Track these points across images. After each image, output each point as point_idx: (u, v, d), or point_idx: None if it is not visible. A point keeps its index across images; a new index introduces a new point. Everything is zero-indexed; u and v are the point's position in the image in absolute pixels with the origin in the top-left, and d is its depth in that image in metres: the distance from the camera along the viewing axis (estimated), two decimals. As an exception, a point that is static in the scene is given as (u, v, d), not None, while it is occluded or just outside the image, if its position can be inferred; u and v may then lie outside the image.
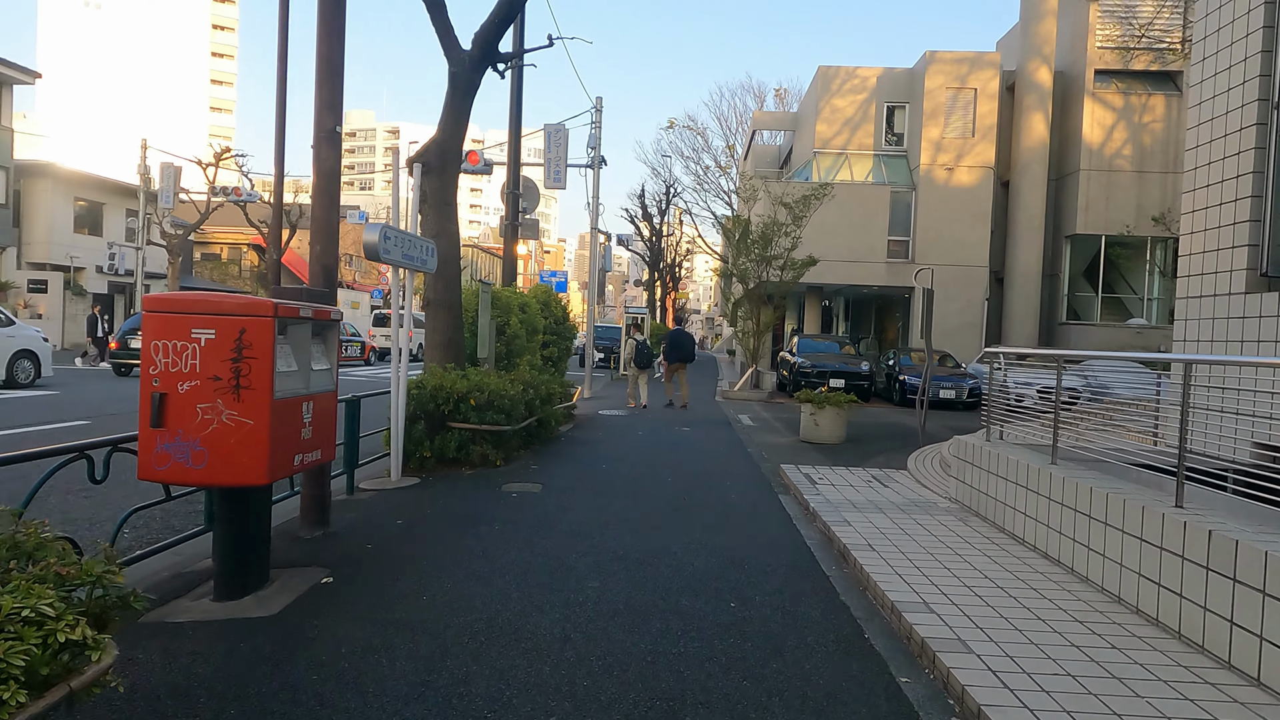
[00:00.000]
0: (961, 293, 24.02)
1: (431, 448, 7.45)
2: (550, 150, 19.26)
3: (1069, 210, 24.50)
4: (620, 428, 11.94)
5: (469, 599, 4.00)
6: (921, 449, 9.78)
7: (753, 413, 15.28)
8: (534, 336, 10.93)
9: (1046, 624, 3.73)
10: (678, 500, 6.70)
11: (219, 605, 3.81)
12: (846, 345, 21.94)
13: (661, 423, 12.80)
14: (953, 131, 24.31)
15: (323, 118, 5.07)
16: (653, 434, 11.22)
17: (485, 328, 9.04)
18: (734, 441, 10.78)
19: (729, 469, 8.44)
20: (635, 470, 8.04)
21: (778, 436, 11.66)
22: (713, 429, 12.19)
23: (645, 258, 44.76)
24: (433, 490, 6.76)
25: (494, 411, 7.55)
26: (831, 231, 22.50)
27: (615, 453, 9.22)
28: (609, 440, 10.32)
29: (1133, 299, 25.57)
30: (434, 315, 8.08)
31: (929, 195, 24.28)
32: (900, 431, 12.87)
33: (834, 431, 10.87)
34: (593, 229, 19.96)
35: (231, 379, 3.56)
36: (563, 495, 6.69)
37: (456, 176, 8.16)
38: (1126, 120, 23.94)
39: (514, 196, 11.17)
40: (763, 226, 19.32)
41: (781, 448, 10.38)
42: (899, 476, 7.88)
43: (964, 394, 18.43)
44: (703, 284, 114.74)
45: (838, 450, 10.26)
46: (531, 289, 13.52)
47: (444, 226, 8.03)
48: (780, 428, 12.79)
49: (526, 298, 10.72)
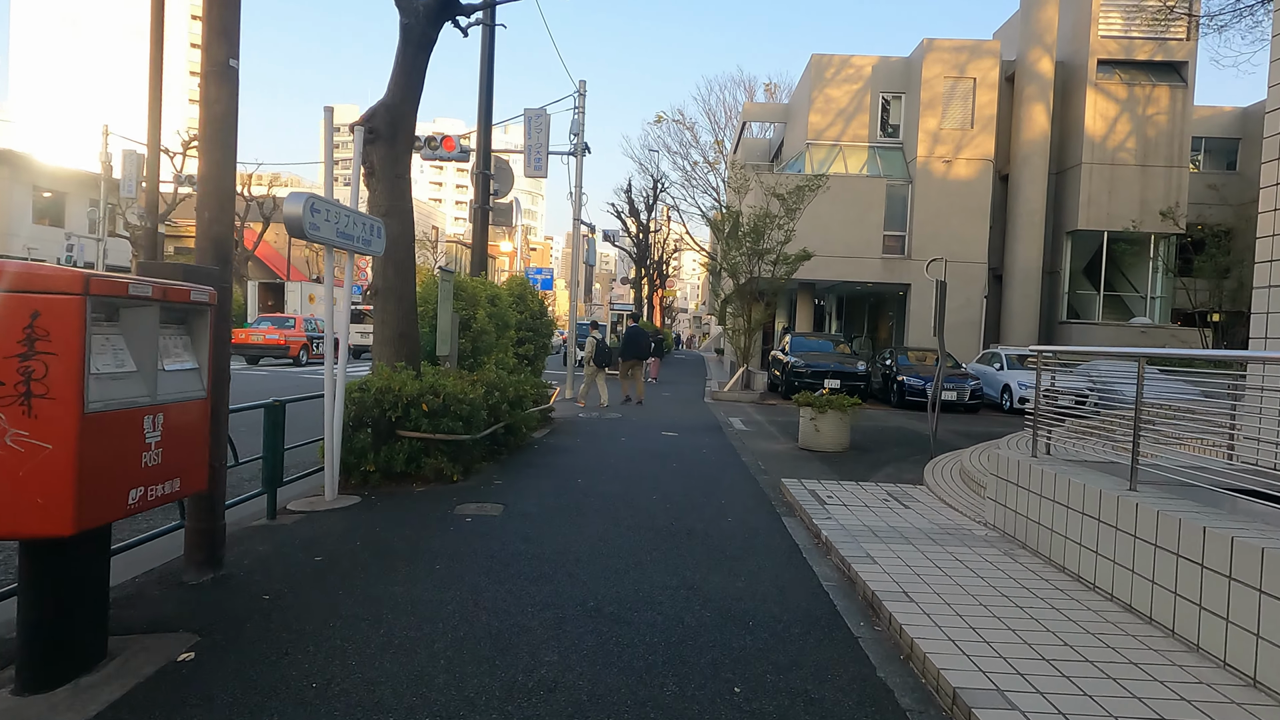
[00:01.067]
0: (960, 290, 23.06)
1: (377, 460, 6.35)
2: (530, 136, 18.17)
3: (1070, 205, 23.65)
4: (601, 433, 10.88)
5: (375, 688, 2.91)
6: (936, 459, 8.77)
7: (745, 416, 14.25)
8: (505, 332, 9.85)
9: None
10: (664, 525, 5.64)
11: (19, 701, 2.71)
12: (841, 344, 20.95)
13: (646, 427, 11.75)
14: (951, 122, 23.39)
15: (213, 47, 3.96)
16: (636, 440, 10.16)
17: (446, 322, 7.94)
18: (726, 449, 9.74)
19: (723, 483, 7.39)
20: (615, 486, 6.98)
21: (774, 443, 10.63)
22: (703, 434, 11.15)
23: (631, 254, 43.67)
24: (372, 512, 5.66)
25: (450, 418, 6.46)
26: (825, 226, 21.51)
27: (593, 463, 8.15)
28: (587, 448, 9.25)
29: (1134, 297, 24.77)
30: (383, 306, 6.97)
31: (926, 189, 23.35)
32: (906, 437, 11.86)
33: (836, 438, 9.86)
34: (575, 219, 18.85)
35: (19, 385, 2.46)
36: (527, 520, 5.61)
37: (410, 146, 7.06)
38: (1130, 112, 23.10)
39: (484, 178, 10.05)
40: (754, 218, 18.30)
41: (779, 456, 9.34)
42: (918, 494, 6.86)
43: (966, 395, 17.49)
44: (690, 282, 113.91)
45: (842, 460, 9.23)
46: (506, 281, 12.42)
47: (395, 203, 6.92)
48: (776, 433, 11.76)
49: (497, 289, 9.63)
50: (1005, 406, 18.09)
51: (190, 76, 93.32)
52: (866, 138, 25.02)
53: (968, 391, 17.52)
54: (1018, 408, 17.62)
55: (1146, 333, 22.11)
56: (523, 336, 11.85)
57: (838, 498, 6.45)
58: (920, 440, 11.52)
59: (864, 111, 24.97)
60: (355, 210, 6.09)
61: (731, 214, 18.81)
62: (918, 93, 23.58)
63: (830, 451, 9.77)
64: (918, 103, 23.52)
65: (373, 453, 6.34)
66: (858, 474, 8.24)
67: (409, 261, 7.08)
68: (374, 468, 6.34)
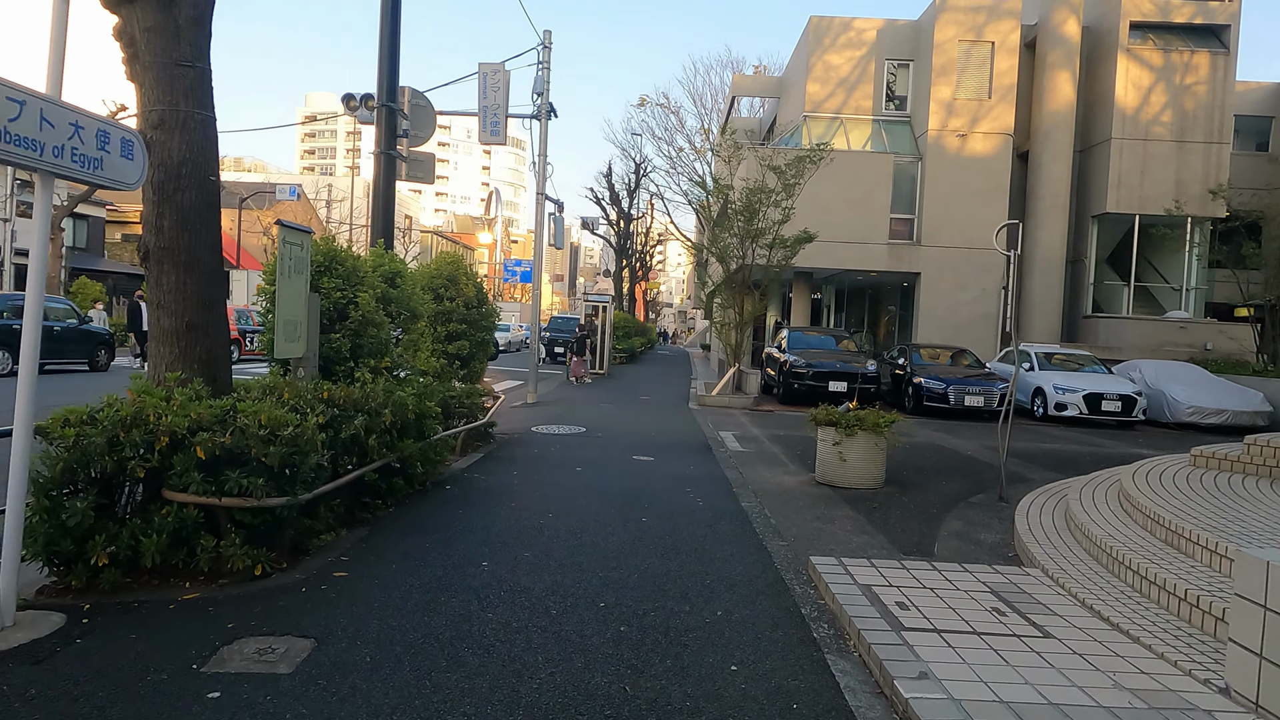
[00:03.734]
0: (975, 280, 20.59)
1: (116, 544, 3.62)
2: (486, 95, 15.42)
3: (1097, 186, 21.16)
4: (552, 457, 8.16)
5: None
6: (1020, 506, 6.12)
7: (739, 428, 11.57)
8: (413, 324, 7.08)
9: None
10: (611, 684, 2.96)
11: None
12: (845, 339, 18.33)
13: (613, 445, 9.03)
14: (966, 92, 20.81)
15: None
16: (597, 469, 7.45)
17: (294, 305, 5.19)
18: (719, 486, 7.05)
19: (718, 565, 4.69)
20: (543, 575, 4.27)
21: (782, 473, 7.95)
22: (687, 458, 8.45)
23: (611, 243, 40.90)
24: (62, 661, 2.94)
25: (249, 470, 3.72)
26: (825, 208, 18.77)
27: (522, 520, 5.43)
28: (523, 488, 6.53)
29: (1163, 289, 22.33)
30: (158, 279, 4.21)
31: (938, 166, 20.77)
32: (949, 461, 9.21)
33: (869, 470, 7.20)
34: (539, 194, 16.09)
35: None
36: (343, 682, 2.90)
37: (209, 16, 4.30)
38: (1166, 81, 20.63)
39: (387, 113, 7.21)
40: (747, 193, 15.61)
41: (793, 499, 6.66)
42: (1040, 589, 4.17)
43: (994, 400, 14.91)
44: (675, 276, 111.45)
45: (881, 505, 6.56)
46: (436, 258, 9.65)
47: (176, 108, 4.17)
48: (782, 455, 9.09)
49: (400, 265, 6.86)
50: (1037, 414, 15.53)
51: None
52: (870, 110, 22.41)
53: (996, 395, 14.95)
54: (1054, 415, 15.08)
55: (1186, 328, 19.67)
56: (454, 331, 9.11)
57: (914, 605, 3.78)
58: (970, 466, 8.90)
59: (867, 81, 22.35)
60: (58, 100, 3.34)
61: (721, 188, 16.11)
62: (929, 59, 20.98)
63: (861, 489, 7.11)
64: (929, 70, 20.92)
65: (102, 534, 3.59)
66: (913, 534, 5.58)
67: (205, 208, 4.32)
68: (107, 559, 3.60)
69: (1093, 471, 8.44)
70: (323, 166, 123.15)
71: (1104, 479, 6.71)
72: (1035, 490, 7.03)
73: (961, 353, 17.28)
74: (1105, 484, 6.43)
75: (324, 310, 5.91)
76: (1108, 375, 15.89)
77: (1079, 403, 14.85)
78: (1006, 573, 4.43)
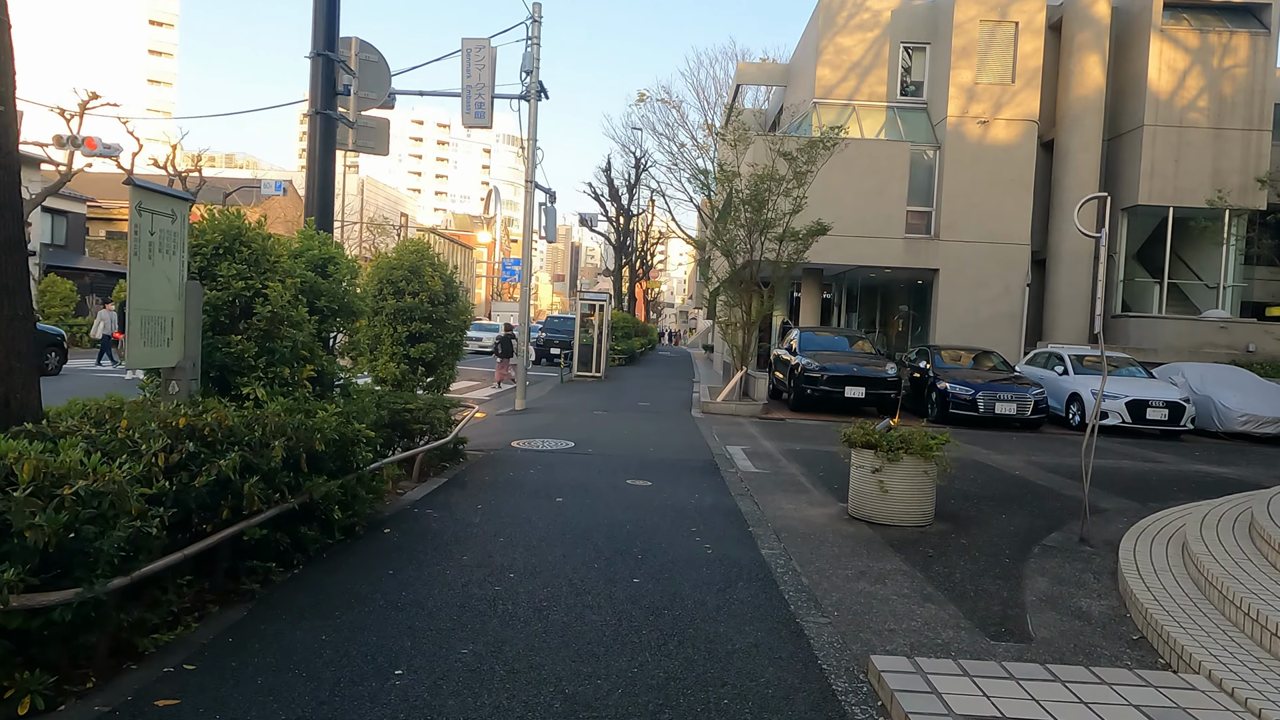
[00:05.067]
0: (997, 277, 19.18)
1: None
2: (469, 74, 14.14)
3: (1128, 176, 19.77)
4: (530, 482, 6.79)
5: None
6: (1123, 551, 4.74)
7: (749, 441, 10.20)
8: (349, 321, 5.70)
9: None
10: None
11: None
12: (861, 340, 16.97)
13: (605, 466, 7.67)
14: (989, 76, 19.40)
15: None
16: (582, 499, 6.09)
17: (161, 297, 3.83)
18: (730, 523, 5.68)
19: (735, 661, 3.31)
20: (481, 692, 2.90)
21: (806, 503, 6.58)
22: (691, 483, 7.08)
23: (611, 240, 39.52)
24: None
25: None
26: (837, 199, 17.30)
27: (470, 588, 4.07)
28: (484, 529, 5.16)
29: (1195, 286, 20.94)
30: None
31: (958, 155, 19.36)
32: (1002, 485, 7.78)
33: (917, 504, 5.82)
34: (528, 181, 14.73)
35: None
36: None
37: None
38: (1202, 64, 19.23)
39: (325, 64, 5.81)
40: (755, 180, 14.24)
41: (825, 542, 5.28)
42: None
43: (1029, 408, 13.54)
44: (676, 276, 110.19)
45: (936, 548, 5.18)
46: (398, 246, 8.27)
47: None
48: (802, 478, 7.71)
49: (331, 249, 5.49)
50: (1073, 422, 14.16)
51: (149, 56, 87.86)
52: (885, 96, 21.03)
53: (1030, 403, 13.57)
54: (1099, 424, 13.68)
55: (1227, 329, 18.29)
56: (416, 331, 7.74)
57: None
58: (1026, 491, 7.51)
59: (881, 65, 20.97)
60: None
61: (728, 174, 14.73)
62: (948, 41, 19.59)
63: (907, 527, 5.74)
64: (948, 53, 19.52)
65: None
66: (992, 600, 4.21)
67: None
68: None
69: (1178, 498, 7.08)
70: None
71: (1213, 512, 5.34)
72: (1120, 525, 5.68)
73: (985, 354, 15.91)
74: (1224, 520, 5.06)
75: (221, 305, 4.55)
76: (1151, 380, 14.51)
77: (1121, 410, 13.46)
78: (1158, 682, 3.05)
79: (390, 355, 7.70)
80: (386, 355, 7.71)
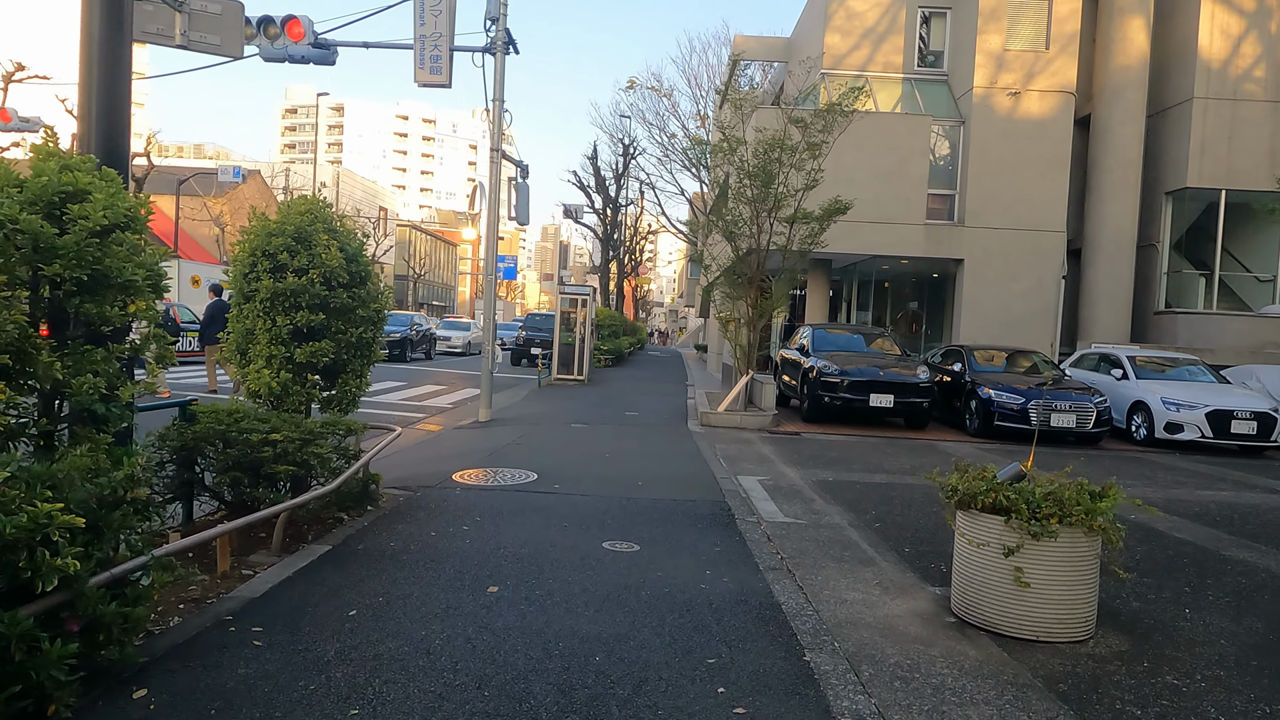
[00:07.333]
0: (1029, 268, 16.99)
1: None
2: (424, 22, 11.92)
3: (1174, 156, 17.64)
4: (457, 553, 4.47)
5: None
6: None
7: (766, 468, 7.88)
8: (116, 303, 3.36)
9: None
10: None
11: None
12: (881, 338, 14.72)
13: (573, 516, 5.35)
14: (1019, 42, 17.19)
15: None
16: (530, 587, 3.76)
17: None
18: (770, 642, 3.38)
19: None
20: None
21: (879, 588, 4.26)
22: (696, 548, 4.78)
23: (597, 234, 37.16)
24: None
25: None
26: (849, 180, 14.88)
27: None
28: (341, 669, 2.86)
29: (1243, 279, 18.81)
30: None
31: (985, 131, 17.14)
32: (1148, 542, 5.47)
33: (1073, 604, 3.55)
34: (494, 150, 12.39)
35: None
36: None
37: None
38: (1259, 29, 17.12)
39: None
40: (764, 145, 11.97)
41: (937, 686, 2.99)
42: None
43: (1090, 420, 11.31)
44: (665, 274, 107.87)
45: (1131, 695, 2.92)
46: (283, 204, 5.91)
47: None
48: (856, 535, 5.39)
49: (84, 182, 3.17)
50: (1138, 435, 11.96)
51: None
52: (900, 67, 18.80)
53: (1093, 414, 11.34)
54: (1163, 438, 11.48)
55: (1292, 326, 16.19)
56: (304, 324, 5.38)
57: None
58: (1187, 555, 5.21)
59: (897, 33, 18.74)
60: None
61: (730, 143, 12.43)
62: (973, 3, 17.34)
63: (1061, 645, 3.47)
64: (974, 16, 17.30)
65: None
66: None
67: None
68: None
69: None
70: (305, 159, 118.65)
71: None
72: None
73: (1024, 354, 13.74)
74: None
75: None
76: (1226, 386, 12.34)
77: (1200, 422, 11.26)
78: None
79: (266, 359, 5.35)
80: (261, 359, 5.37)
